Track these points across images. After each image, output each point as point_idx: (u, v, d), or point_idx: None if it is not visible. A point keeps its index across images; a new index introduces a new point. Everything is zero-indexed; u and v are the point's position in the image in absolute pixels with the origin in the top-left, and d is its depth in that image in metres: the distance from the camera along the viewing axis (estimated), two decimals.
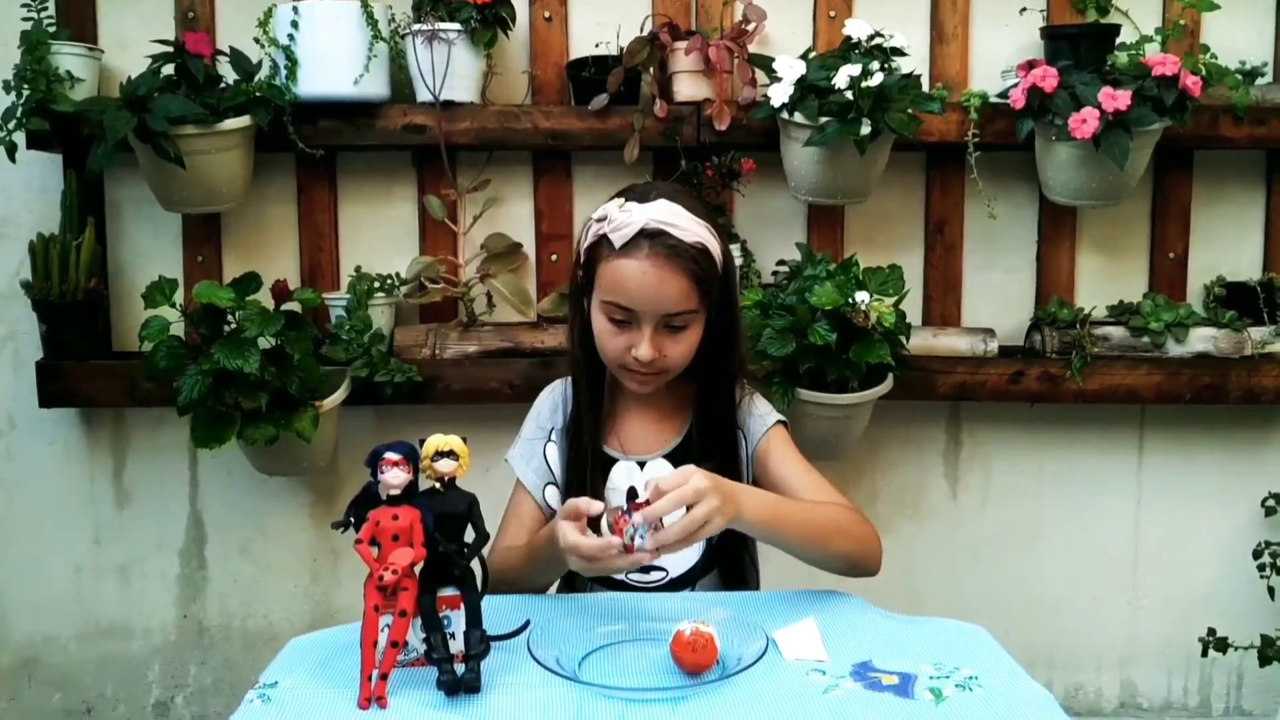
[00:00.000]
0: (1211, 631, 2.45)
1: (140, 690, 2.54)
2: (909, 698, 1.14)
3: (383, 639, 1.15)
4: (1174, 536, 2.57)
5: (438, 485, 1.23)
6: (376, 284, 2.32)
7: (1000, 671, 1.21)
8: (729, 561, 1.64)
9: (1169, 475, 2.55)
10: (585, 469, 1.62)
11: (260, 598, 2.53)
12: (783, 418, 1.69)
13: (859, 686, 1.17)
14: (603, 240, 1.53)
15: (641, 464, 1.64)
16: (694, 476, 1.32)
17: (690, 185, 2.25)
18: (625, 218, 1.50)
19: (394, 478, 1.19)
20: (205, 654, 2.54)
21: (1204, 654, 2.45)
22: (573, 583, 1.63)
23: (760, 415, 1.67)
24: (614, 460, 1.65)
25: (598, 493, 1.59)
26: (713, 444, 1.64)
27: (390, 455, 1.19)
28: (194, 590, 2.53)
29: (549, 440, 1.69)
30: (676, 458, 1.63)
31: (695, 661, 1.18)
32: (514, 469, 1.69)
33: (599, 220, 1.55)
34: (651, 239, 1.50)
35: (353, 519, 1.21)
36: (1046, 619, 2.56)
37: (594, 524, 1.36)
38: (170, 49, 2.16)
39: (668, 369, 1.58)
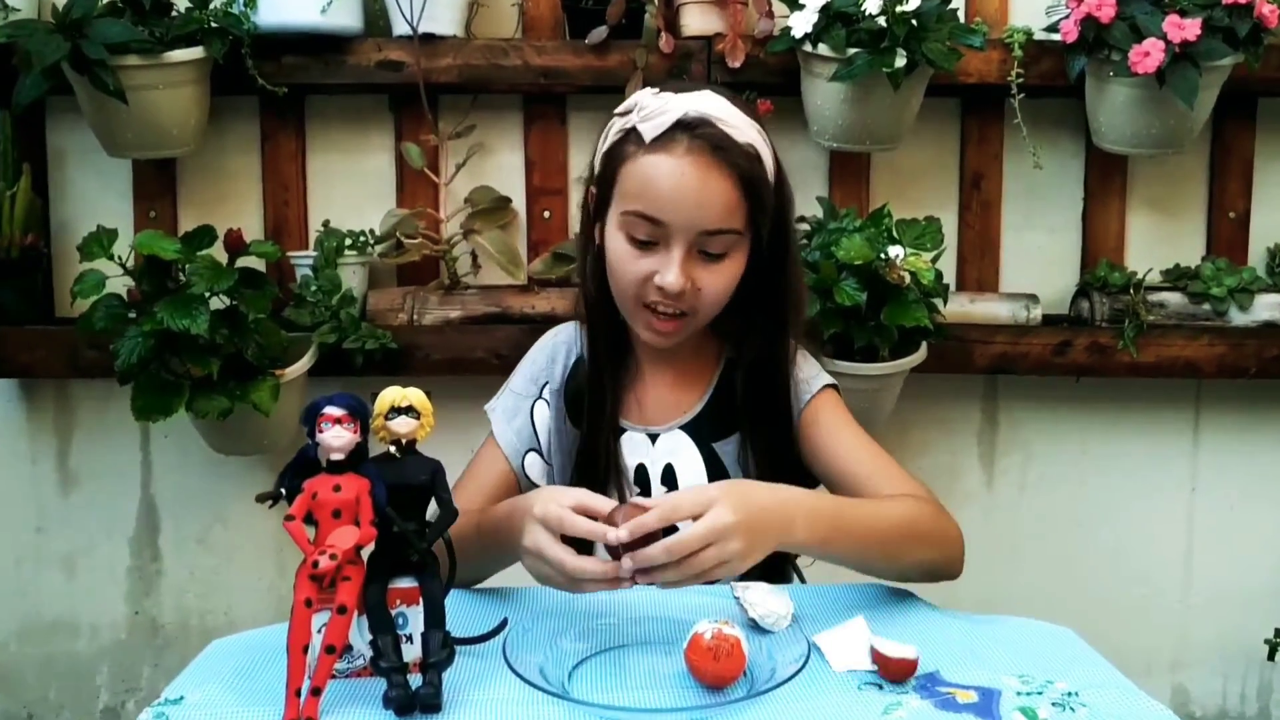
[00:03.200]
0: (1279, 633, 2.21)
1: (87, 694, 2.31)
2: (994, 719, 0.89)
3: (316, 643, 0.90)
4: (1232, 526, 2.32)
5: (393, 449, 0.99)
6: (348, 241, 2.07)
7: (1104, 685, 0.96)
8: None
9: (1228, 458, 2.31)
10: (603, 445, 1.33)
11: (220, 592, 2.29)
12: (833, 381, 1.41)
13: (928, 704, 0.92)
14: (629, 135, 1.25)
15: (653, 437, 1.37)
16: (714, 509, 1.02)
17: None
18: (660, 104, 1.22)
19: (335, 438, 0.95)
20: (159, 654, 2.30)
21: (1270, 657, 2.22)
22: None
23: (805, 379, 1.39)
24: (621, 430, 1.37)
25: (620, 473, 1.33)
26: (744, 414, 1.36)
27: (331, 410, 0.95)
28: (147, 584, 2.29)
29: (540, 397, 1.41)
30: (695, 429, 1.37)
31: (718, 672, 0.94)
32: (492, 422, 1.42)
33: (624, 114, 1.26)
34: (692, 132, 1.21)
35: (284, 490, 0.96)
36: (1090, 617, 2.27)
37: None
38: None
39: (697, 309, 1.28)
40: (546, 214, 2.19)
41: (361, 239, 2.09)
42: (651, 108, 1.22)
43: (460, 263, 2.13)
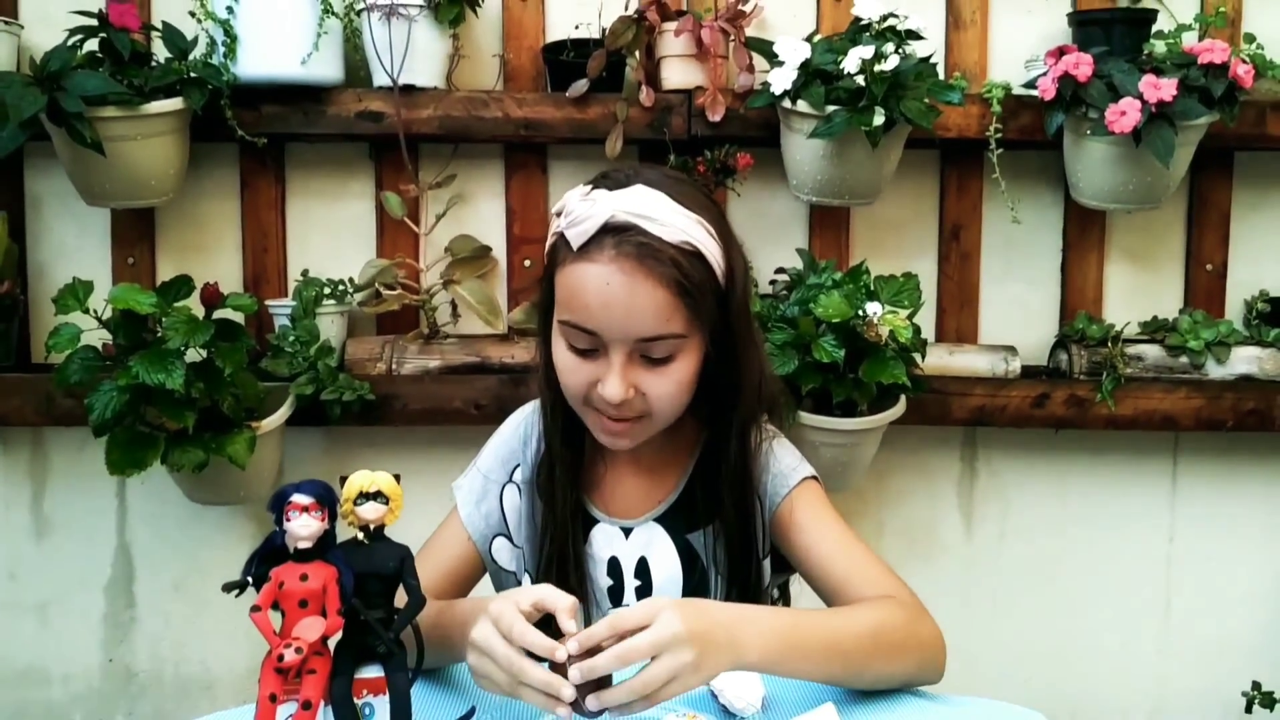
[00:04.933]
0: (1256, 685, 2.20)
1: None
2: None
3: None
4: (1211, 577, 2.32)
5: (361, 535, 0.98)
6: (326, 290, 2.07)
7: None
8: None
9: (1206, 509, 2.30)
10: (567, 537, 1.29)
11: (195, 640, 2.26)
12: (813, 473, 1.34)
13: None
14: (560, 241, 1.19)
15: (627, 531, 1.33)
16: (662, 617, 0.97)
17: None
18: (585, 209, 1.14)
19: (303, 527, 0.94)
20: (133, 703, 2.27)
21: (1248, 710, 2.21)
22: None
23: (780, 472, 1.32)
24: (594, 521, 1.33)
25: (582, 565, 1.29)
26: (718, 507, 1.30)
27: (298, 498, 0.94)
28: (121, 631, 2.26)
29: (510, 481, 1.36)
30: (670, 521, 1.33)
31: None
32: (458, 501, 1.36)
33: (556, 214, 1.21)
34: (618, 236, 1.14)
35: (251, 578, 0.96)
36: (1069, 668, 2.31)
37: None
38: (94, 21, 1.91)
39: (649, 415, 1.22)
40: (527, 263, 2.18)
41: (340, 288, 2.09)
42: (577, 213, 1.15)
43: (440, 312, 2.13)
